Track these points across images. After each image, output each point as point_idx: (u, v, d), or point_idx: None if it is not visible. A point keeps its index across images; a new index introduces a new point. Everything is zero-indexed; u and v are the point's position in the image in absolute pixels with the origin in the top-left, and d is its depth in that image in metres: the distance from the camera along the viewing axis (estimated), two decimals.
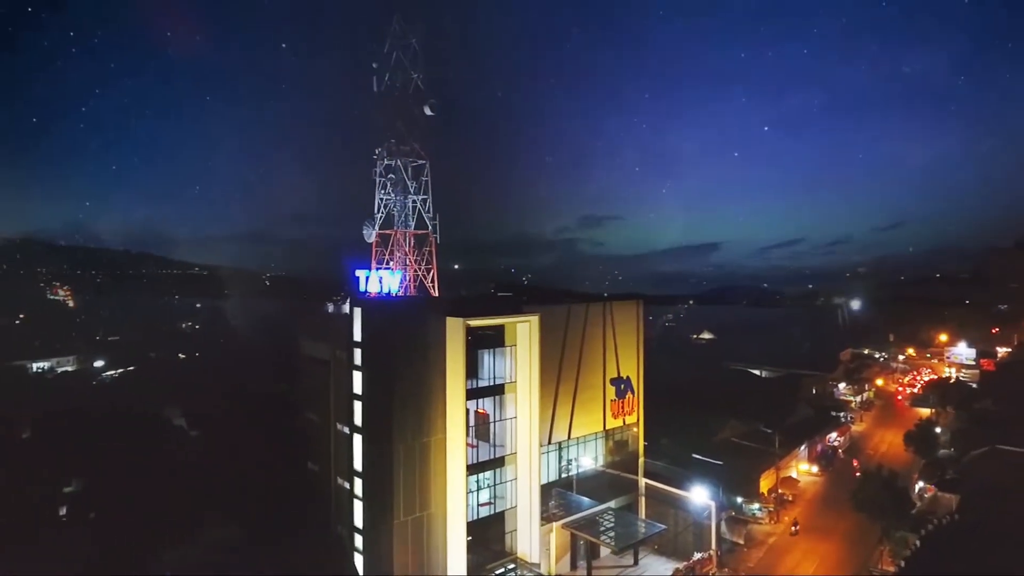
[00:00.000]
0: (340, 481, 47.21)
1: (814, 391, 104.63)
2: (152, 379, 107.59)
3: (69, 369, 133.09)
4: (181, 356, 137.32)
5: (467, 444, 46.61)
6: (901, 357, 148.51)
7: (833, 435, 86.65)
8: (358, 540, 44.34)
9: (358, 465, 44.08)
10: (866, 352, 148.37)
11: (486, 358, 47.75)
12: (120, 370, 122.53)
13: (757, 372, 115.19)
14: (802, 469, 76.70)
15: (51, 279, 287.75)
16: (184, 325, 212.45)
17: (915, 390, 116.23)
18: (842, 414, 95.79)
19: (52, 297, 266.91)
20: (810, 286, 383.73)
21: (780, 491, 67.01)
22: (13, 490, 54.09)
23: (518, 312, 47.51)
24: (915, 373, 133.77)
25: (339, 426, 47.17)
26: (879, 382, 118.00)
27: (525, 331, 46.95)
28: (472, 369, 47.77)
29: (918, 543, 41.80)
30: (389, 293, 47.42)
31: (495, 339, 47.28)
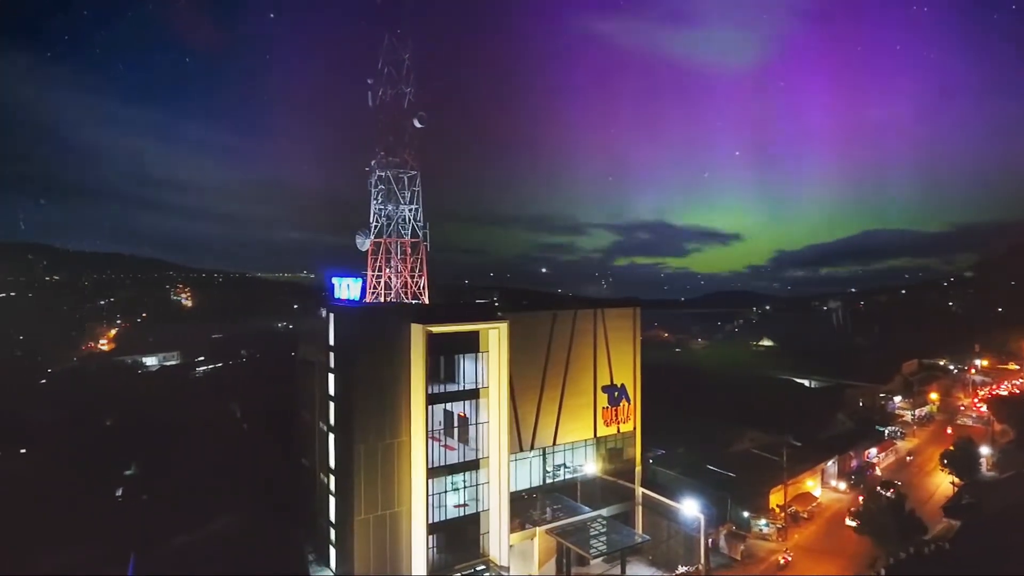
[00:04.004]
0: (322, 477, 49.83)
1: (860, 403, 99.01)
2: (234, 374, 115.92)
3: (174, 363, 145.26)
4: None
5: (445, 446, 48.13)
6: (976, 368, 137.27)
7: (873, 451, 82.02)
8: (332, 534, 46.86)
9: (332, 463, 46.60)
10: (941, 363, 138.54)
11: (463, 363, 49.03)
12: (211, 365, 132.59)
13: (804, 382, 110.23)
14: (829, 485, 73.22)
15: (175, 282, 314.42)
16: (279, 325, 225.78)
17: (985, 406, 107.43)
18: (888, 429, 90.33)
19: (174, 298, 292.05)
20: (903, 292, 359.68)
21: (793, 507, 64.29)
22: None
23: (491, 319, 48.43)
24: (992, 386, 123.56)
25: (321, 425, 49.82)
26: (934, 396, 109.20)
27: (496, 337, 47.83)
28: (450, 373, 49.31)
29: (882, 571, 39.47)
30: (351, 299, 49.51)
31: (469, 345, 48.35)
